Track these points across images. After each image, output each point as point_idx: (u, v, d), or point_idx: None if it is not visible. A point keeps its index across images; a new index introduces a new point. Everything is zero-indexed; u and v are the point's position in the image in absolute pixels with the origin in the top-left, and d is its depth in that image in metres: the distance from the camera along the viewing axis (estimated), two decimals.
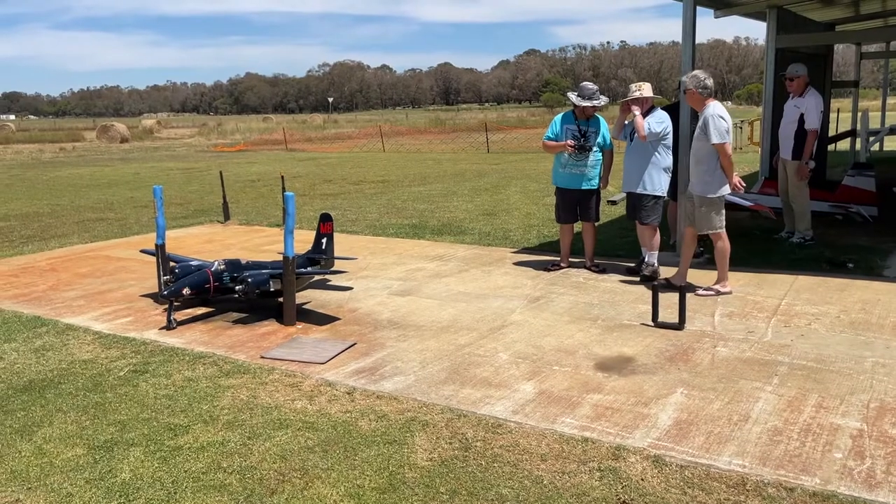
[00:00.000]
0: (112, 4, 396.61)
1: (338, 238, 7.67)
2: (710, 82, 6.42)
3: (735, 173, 6.48)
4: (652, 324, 5.61)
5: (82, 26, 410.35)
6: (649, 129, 6.85)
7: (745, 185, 6.68)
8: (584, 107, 7.22)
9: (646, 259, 7.12)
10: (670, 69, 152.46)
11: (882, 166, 13.09)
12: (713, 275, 7.09)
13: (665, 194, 7.16)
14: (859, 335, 5.28)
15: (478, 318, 5.99)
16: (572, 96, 7.30)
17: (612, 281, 7.06)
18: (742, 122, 28.29)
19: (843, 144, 18.19)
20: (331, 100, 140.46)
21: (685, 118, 7.61)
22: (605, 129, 7.39)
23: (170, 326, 5.86)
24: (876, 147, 18.39)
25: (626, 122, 7.12)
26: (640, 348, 5.14)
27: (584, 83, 7.38)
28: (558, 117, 7.51)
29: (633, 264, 7.43)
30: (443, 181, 17.01)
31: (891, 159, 17.54)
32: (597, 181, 7.40)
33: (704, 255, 7.77)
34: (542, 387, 4.49)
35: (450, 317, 6.03)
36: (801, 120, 8.24)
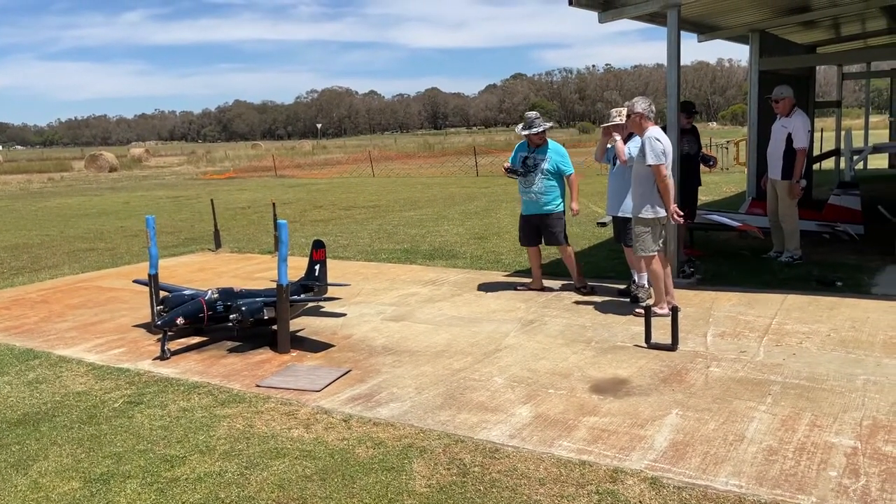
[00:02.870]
0: (101, 34, 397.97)
1: (330, 264, 7.68)
2: (654, 108, 6.64)
3: (673, 203, 6.48)
4: (645, 345, 5.65)
5: (71, 57, 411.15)
6: (629, 153, 6.97)
7: (682, 214, 6.63)
8: (526, 135, 7.44)
9: (636, 280, 7.19)
10: (655, 91, 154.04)
11: (867, 185, 13.26)
12: (705, 294, 7.17)
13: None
14: (850, 353, 5.33)
15: (472, 342, 6.01)
16: (518, 128, 7.53)
17: (605, 303, 7.10)
18: (728, 142, 28.63)
19: (828, 163, 18.43)
20: (319, 126, 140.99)
21: (673, 138, 7.72)
22: (558, 155, 7.49)
23: (164, 356, 5.85)
24: (860, 165, 18.62)
25: (609, 146, 7.24)
26: (635, 370, 5.17)
27: (527, 113, 7.61)
28: (517, 145, 7.75)
29: (623, 286, 7.48)
30: (433, 205, 17.08)
31: (875, 177, 17.77)
32: (552, 206, 7.51)
33: (695, 276, 7.85)
34: (538, 410, 4.51)
35: (444, 341, 6.05)
36: (789, 140, 8.37)
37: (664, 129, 7.86)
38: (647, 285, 7.09)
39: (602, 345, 5.78)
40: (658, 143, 6.34)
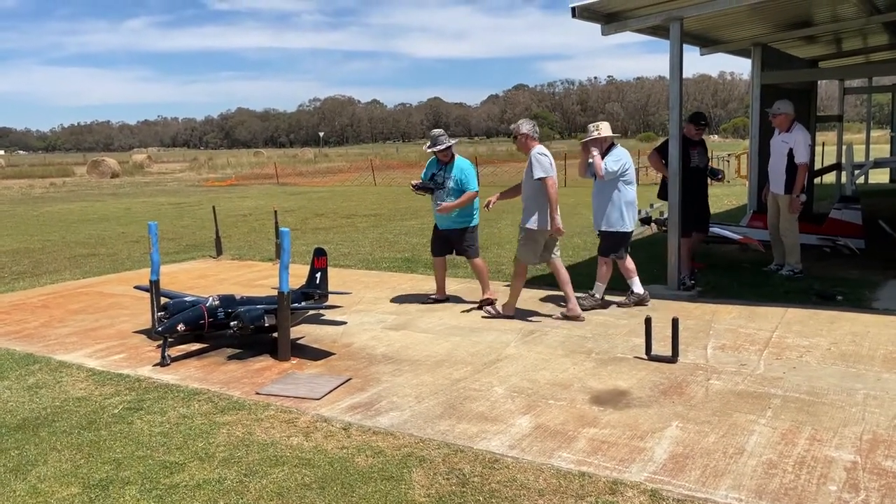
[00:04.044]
0: (104, 40, 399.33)
1: (331, 272, 7.69)
2: (538, 129, 7.08)
3: (557, 216, 6.74)
4: (645, 357, 5.65)
5: (75, 62, 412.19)
6: (606, 168, 7.11)
7: (563, 232, 6.91)
8: (434, 152, 7.51)
9: (633, 290, 7.33)
10: (657, 103, 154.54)
11: (868, 199, 13.28)
12: (705, 307, 7.17)
13: (628, 229, 7.34)
14: (850, 367, 5.33)
15: (472, 351, 6.01)
16: (425, 146, 7.62)
17: (605, 314, 7.10)
18: (729, 155, 28.67)
19: (829, 177, 18.47)
20: (321, 134, 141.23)
21: (675, 150, 7.75)
22: (462, 173, 7.46)
23: (164, 363, 5.85)
24: (861, 180, 18.64)
25: (589, 161, 7.33)
26: (635, 381, 5.17)
27: (433, 131, 7.67)
28: (429, 161, 7.83)
29: (621, 298, 7.52)
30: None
31: (876, 192, 17.79)
32: (463, 221, 7.54)
33: (696, 289, 7.85)
34: (538, 421, 4.51)
35: (444, 351, 6.05)
36: (791, 154, 8.38)
37: (666, 142, 7.97)
38: (642, 291, 7.28)
39: (602, 356, 5.78)
40: (545, 158, 6.74)
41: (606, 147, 7.24)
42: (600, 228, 7.32)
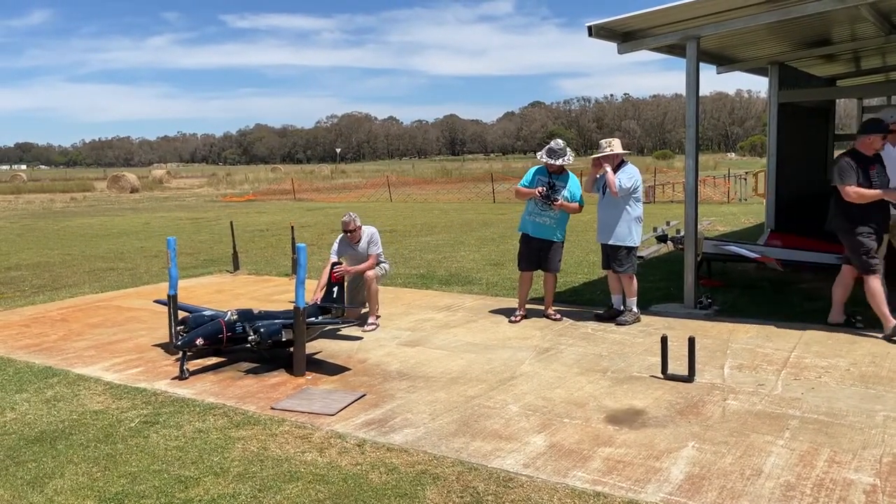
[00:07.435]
0: (127, 58, 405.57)
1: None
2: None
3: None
4: (661, 376, 5.61)
5: (97, 79, 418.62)
6: (620, 184, 7.18)
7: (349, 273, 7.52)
8: (552, 164, 7.47)
9: (627, 305, 7.44)
10: (673, 121, 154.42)
11: None
12: (722, 326, 7.12)
13: (635, 244, 7.44)
14: (870, 389, 5.26)
15: (487, 369, 6.00)
16: (542, 154, 7.58)
17: (621, 332, 7.07)
18: (747, 173, 28.55)
19: None
20: (338, 150, 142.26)
21: (691, 164, 7.73)
22: (575, 185, 7.61)
23: (182, 377, 5.88)
24: None
25: (598, 176, 7.38)
26: (651, 401, 5.14)
27: (555, 141, 7.66)
28: (533, 168, 7.80)
29: (601, 311, 7.69)
30: (449, 231, 17.12)
31: None
32: (562, 235, 7.66)
33: (713, 307, 7.80)
34: (553, 440, 4.49)
35: (459, 368, 6.04)
36: None
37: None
38: (635, 309, 7.43)
39: (618, 375, 5.75)
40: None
41: (617, 163, 7.30)
42: (607, 242, 7.41)
